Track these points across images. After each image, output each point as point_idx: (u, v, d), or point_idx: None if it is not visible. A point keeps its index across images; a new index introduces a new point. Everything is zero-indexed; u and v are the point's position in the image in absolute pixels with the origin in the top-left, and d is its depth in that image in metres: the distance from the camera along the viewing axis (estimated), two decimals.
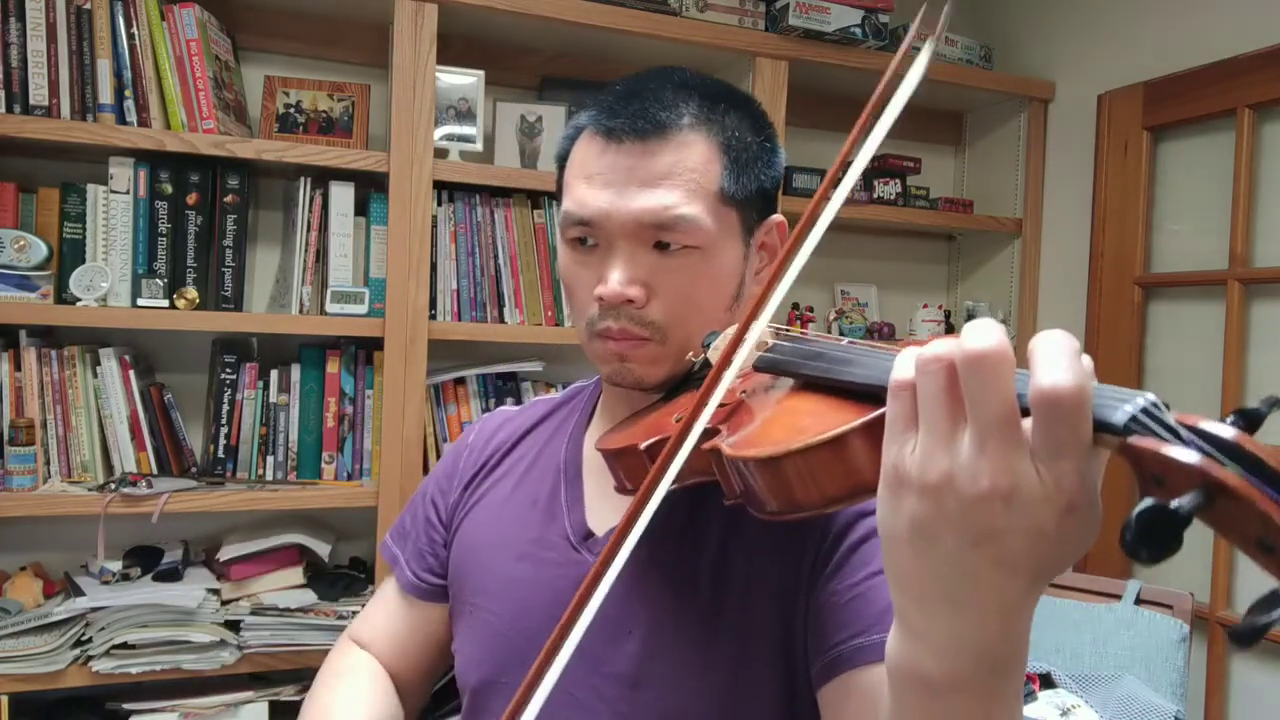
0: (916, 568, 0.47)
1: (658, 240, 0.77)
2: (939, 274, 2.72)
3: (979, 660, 0.47)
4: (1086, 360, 0.43)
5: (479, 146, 1.99)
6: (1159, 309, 2.23)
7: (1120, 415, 0.41)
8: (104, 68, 1.72)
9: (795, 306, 2.39)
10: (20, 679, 1.63)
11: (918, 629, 0.49)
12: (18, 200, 1.76)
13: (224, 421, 1.85)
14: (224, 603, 1.78)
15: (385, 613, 1.00)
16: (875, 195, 2.33)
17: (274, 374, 1.88)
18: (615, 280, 0.76)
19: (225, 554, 1.83)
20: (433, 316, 1.92)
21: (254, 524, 1.95)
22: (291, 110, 1.93)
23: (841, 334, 2.37)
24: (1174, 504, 0.37)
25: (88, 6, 1.72)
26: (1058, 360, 0.41)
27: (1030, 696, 1.70)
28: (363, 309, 1.86)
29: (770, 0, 2.16)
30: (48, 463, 1.73)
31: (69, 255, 1.77)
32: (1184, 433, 0.40)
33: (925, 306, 2.51)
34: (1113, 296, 2.28)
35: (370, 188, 1.94)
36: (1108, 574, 2.06)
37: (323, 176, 1.89)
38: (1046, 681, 1.75)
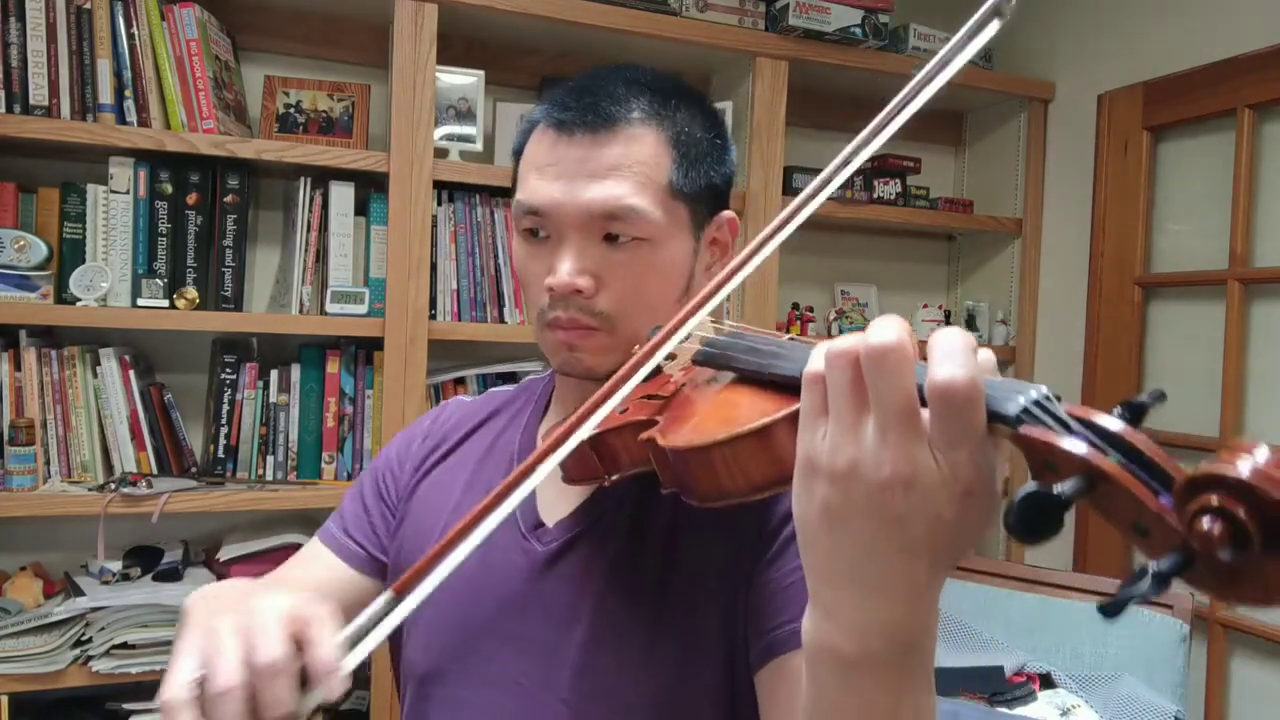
0: (828, 551, 0.49)
1: (607, 232, 0.78)
2: (939, 274, 2.72)
3: (887, 638, 0.49)
4: (986, 355, 0.46)
5: (479, 146, 1.99)
6: (1159, 309, 2.23)
7: (1013, 407, 0.44)
8: (104, 68, 1.72)
9: (795, 306, 2.39)
10: (20, 679, 1.63)
11: (830, 609, 0.51)
12: (18, 200, 1.76)
13: (224, 421, 1.85)
14: None
15: (308, 564, 0.97)
16: (875, 195, 2.32)
17: (274, 374, 1.88)
18: (565, 271, 0.77)
19: (225, 554, 1.83)
20: (433, 316, 1.92)
21: (254, 524, 1.95)
22: (291, 110, 1.93)
23: (842, 334, 2.37)
24: (1056, 488, 0.39)
25: (88, 6, 1.72)
26: (953, 355, 0.44)
27: (1030, 696, 1.70)
28: (363, 309, 1.86)
29: (770, 0, 2.16)
30: (48, 463, 1.73)
31: (69, 255, 1.77)
32: (1072, 423, 0.42)
33: (925, 306, 2.51)
34: (1113, 296, 2.28)
35: (370, 188, 1.94)
36: (1108, 574, 2.06)
37: (323, 176, 1.89)
38: (1046, 681, 1.75)
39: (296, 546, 1.84)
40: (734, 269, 0.61)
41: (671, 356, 0.68)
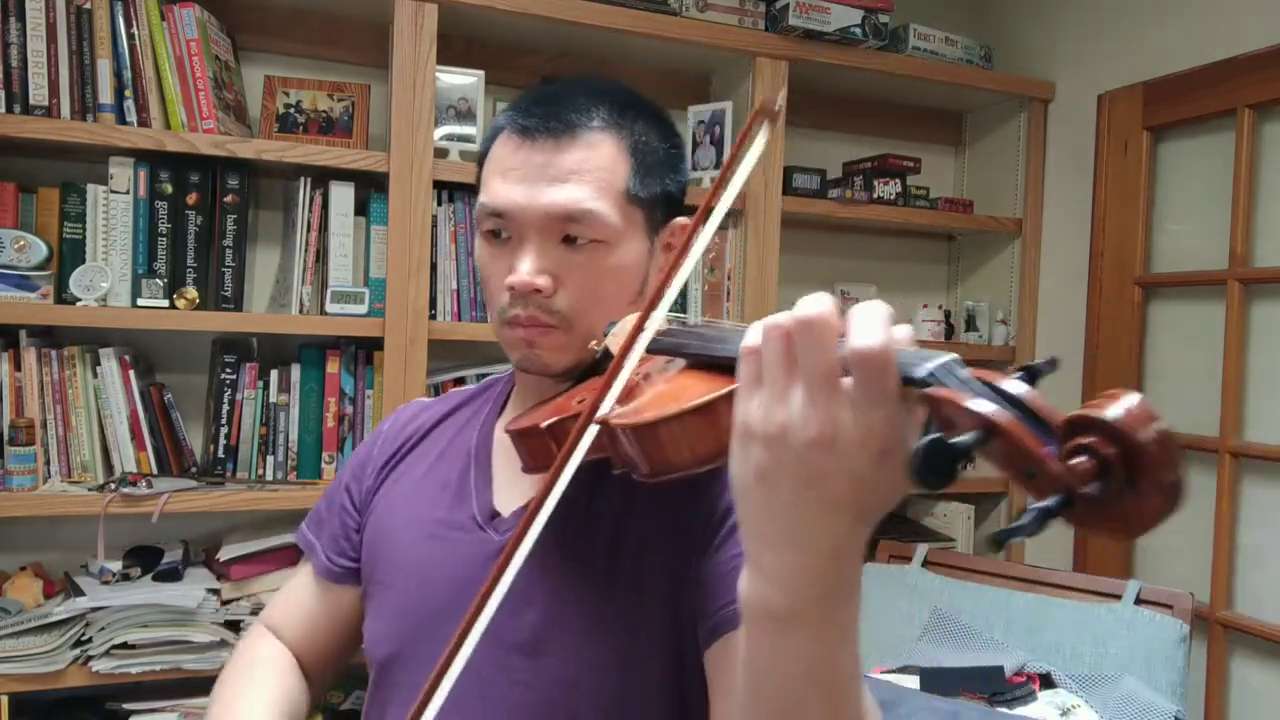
0: (763, 511, 0.54)
1: (566, 234, 0.82)
2: (939, 274, 2.72)
3: (814, 592, 0.54)
4: (903, 328, 0.51)
5: (479, 146, 1.99)
6: (1159, 309, 2.23)
7: (921, 370, 0.49)
8: (104, 68, 1.72)
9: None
10: (20, 679, 1.63)
11: (763, 566, 0.55)
12: (18, 200, 1.76)
13: (224, 421, 1.85)
14: (224, 603, 1.78)
15: (299, 598, 1.03)
16: (875, 195, 2.32)
17: (274, 374, 1.88)
18: (524, 270, 0.81)
19: (225, 554, 1.83)
20: (433, 316, 1.92)
21: (254, 524, 1.95)
22: (291, 110, 1.93)
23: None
24: (955, 439, 0.44)
25: (88, 6, 1.72)
26: (870, 325, 0.49)
27: (1030, 696, 1.70)
28: (363, 309, 1.86)
29: (770, 0, 2.16)
30: (48, 463, 1.73)
31: (69, 255, 1.77)
32: (974, 384, 0.48)
33: (925, 306, 2.51)
34: (1113, 296, 2.28)
35: (370, 188, 1.94)
36: (1108, 574, 2.06)
37: (323, 176, 1.89)
38: (1046, 681, 1.75)
39: (296, 546, 1.85)
40: (674, 264, 0.69)
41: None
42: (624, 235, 0.83)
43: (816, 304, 0.51)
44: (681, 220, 0.90)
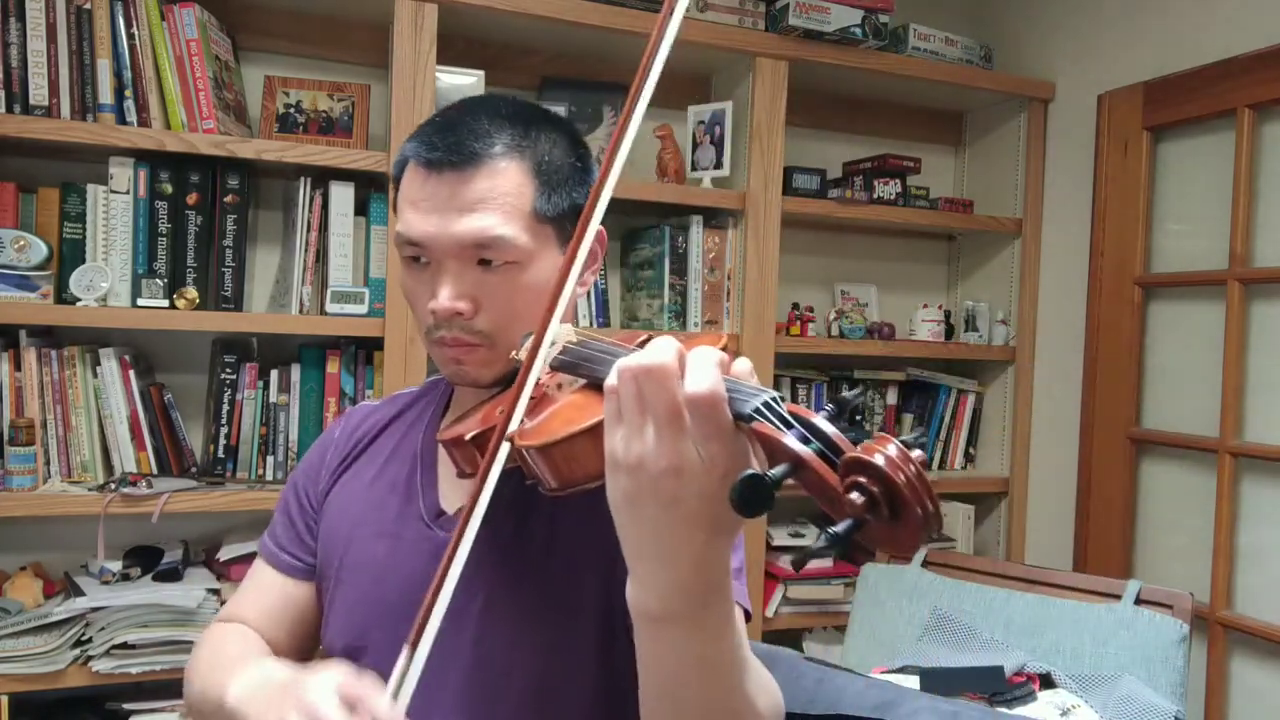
0: (633, 530, 0.62)
1: (480, 258, 0.86)
2: (939, 274, 2.72)
3: (683, 596, 0.62)
4: (742, 362, 0.60)
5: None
6: (1159, 309, 2.23)
7: (747, 407, 0.56)
8: (104, 68, 1.72)
9: (795, 306, 2.39)
10: (20, 679, 1.63)
11: (639, 575, 0.63)
12: (18, 200, 1.76)
13: (224, 421, 1.85)
14: (224, 603, 1.78)
15: (256, 593, 1.05)
16: (875, 195, 2.32)
17: (274, 374, 1.88)
18: (444, 297, 0.86)
19: (225, 554, 1.83)
20: None
21: (254, 524, 1.95)
22: (291, 110, 1.93)
23: (841, 334, 2.37)
24: (770, 472, 0.52)
25: (88, 6, 1.72)
26: (702, 371, 0.57)
27: (1030, 696, 1.70)
28: (363, 309, 1.86)
29: (770, 0, 2.16)
30: (48, 463, 1.73)
31: (69, 255, 1.77)
32: (791, 420, 0.55)
33: (925, 306, 2.51)
34: (1113, 296, 2.28)
35: (370, 188, 1.95)
36: (1108, 574, 2.06)
37: (323, 176, 1.89)
38: (1046, 681, 1.75)
39: None
40: (563, 272, 0.73)
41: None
42: (536, 253, 0.87)
43: (659, 353, 0.58)
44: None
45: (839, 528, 0.50)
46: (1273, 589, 1.94)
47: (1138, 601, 1.83)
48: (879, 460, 0.50)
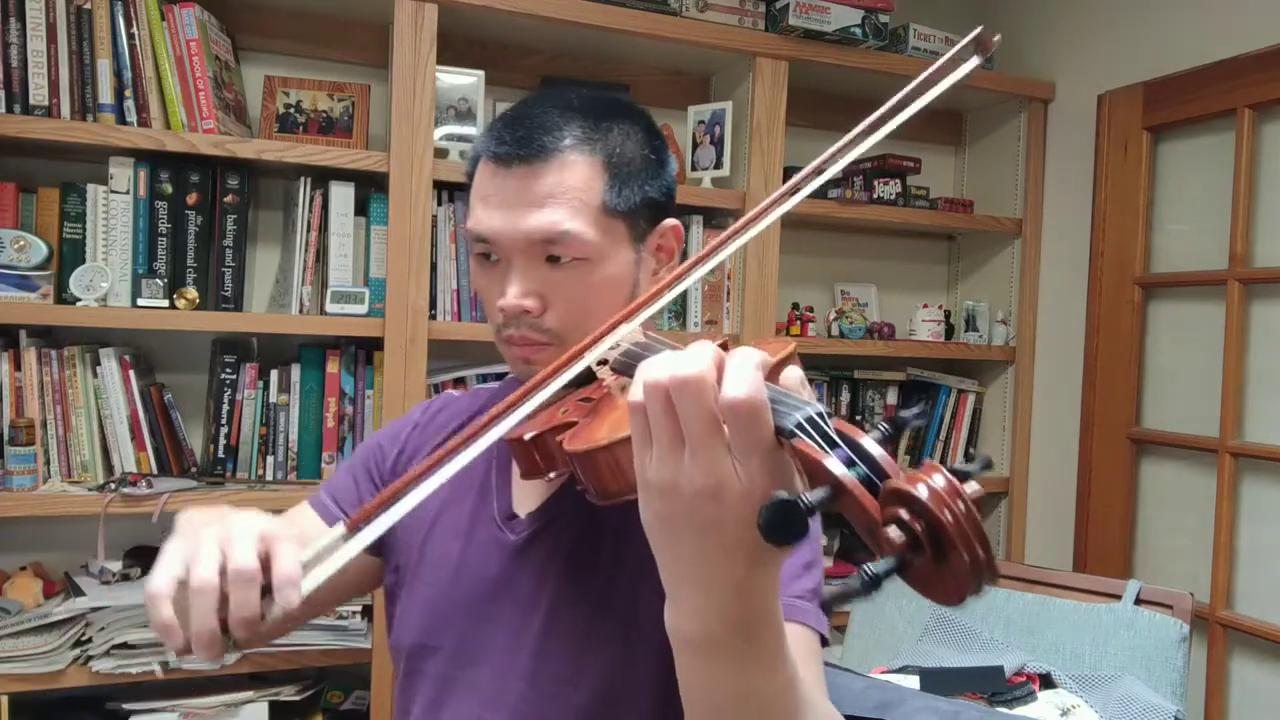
0: (669, 552, 0.57)
1: (548, 254, 0.84)
2: (939, 274, 2.72)
3: (724, 624, 0.57)
4: (792, 372, 0.55)
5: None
6: (1159, 309, 2.23)
7: (789, 422, 0.50)
8: (104, 68, 1.72)
9: (795, 306, 2.39)
10: (20, 679, 1.63)
11: (677, 600, 0.59)
12: (18, 200, 1.76)
13: (224, 421, 1.85)
14: None
15: (290, 529, 1.02)
16: (875, 195, 2.32)
17: (274, 374, 1.88)
18: (512, 294, 0.84)
19: None
20: (433, 316, 1.92)
21: None
22: (291, 110, 1.93)
23: (842, 334, 2.37)
24: (805, 497, 0.45)
25: (88, 6, 1.72)
26: (741, 375, 0.51)
27: (1030, 696, 1.70)
28: (363, 309, 1.86)
29: (770, 0, 2.16)
30: (48, 463, 1.73)
31: (69, 255, 1.77)
32: (837, 440, 0.49)
33: (925, 306, 2.51)
34: (1113, 296, 2.28)
35: (370, 188, 1.95)
36: (1108, 574, 2.06)
37: (323, 176, 1.89)
38: (1046, 681, 1.75)
39: None
40: (668, 283, 0.70)
41: (604, 362, 0.74)
42: (606, 249, 0.85)
43: (693, 361, 0.52)
44: (671, 222, 0.91)
45: (877, 567, 0.43)
46: (1273, 589, 1.94)
47: (1138, 601, 1.83)
48: (922, 493, 0.43)
